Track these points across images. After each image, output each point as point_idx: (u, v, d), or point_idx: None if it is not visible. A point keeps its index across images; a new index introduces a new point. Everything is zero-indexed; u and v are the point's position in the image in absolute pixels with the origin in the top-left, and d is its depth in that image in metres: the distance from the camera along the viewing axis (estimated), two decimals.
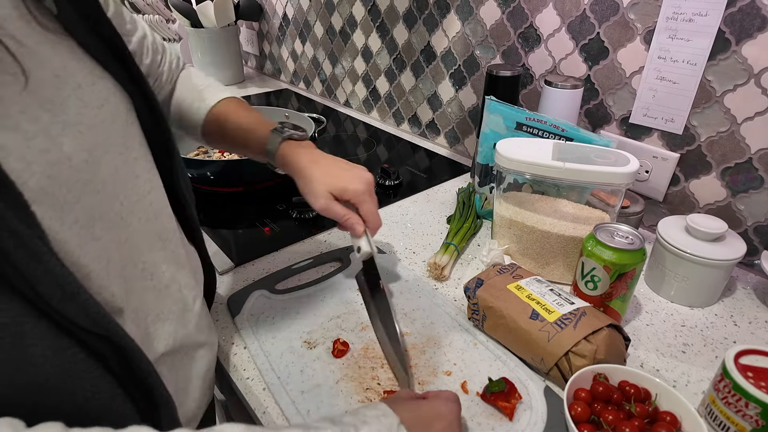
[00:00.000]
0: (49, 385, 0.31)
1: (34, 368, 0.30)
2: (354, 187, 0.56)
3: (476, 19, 1.01)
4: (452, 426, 0.42)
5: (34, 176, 0.30)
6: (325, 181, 0.57)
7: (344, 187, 0.56)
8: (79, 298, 0.31)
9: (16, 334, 0.29)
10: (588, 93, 0.87)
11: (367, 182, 0.58)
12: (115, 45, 0.41)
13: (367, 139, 1.26)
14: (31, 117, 0.31)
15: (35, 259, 0.28)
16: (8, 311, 0.28)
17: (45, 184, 0.31)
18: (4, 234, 0.27)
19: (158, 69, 0.60)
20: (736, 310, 0.67)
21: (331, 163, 0.59)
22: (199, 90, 0.64)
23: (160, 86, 0.62)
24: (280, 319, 0.62)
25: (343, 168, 0.59)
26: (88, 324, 0.32)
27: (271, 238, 0.81)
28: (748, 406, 0.43)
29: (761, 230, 0.74)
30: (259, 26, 1.77)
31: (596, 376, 0.50)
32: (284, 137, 0.60)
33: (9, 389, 0.29)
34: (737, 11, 0.67)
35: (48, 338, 0.31)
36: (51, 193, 0.31)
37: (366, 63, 1.35)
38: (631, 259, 0.56)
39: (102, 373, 0.34)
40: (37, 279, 0.28)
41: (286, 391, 0.53)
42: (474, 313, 0.60)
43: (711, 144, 0.75)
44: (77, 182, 0.33)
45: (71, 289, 0.30)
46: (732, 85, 0.70)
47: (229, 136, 0.63)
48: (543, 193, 0.72)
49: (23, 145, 0.30)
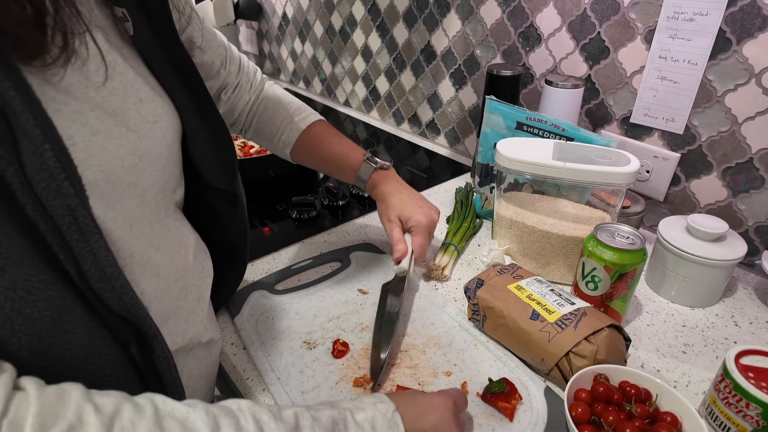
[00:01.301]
0: (72, 362, 0.33)
1: (64, 343, 0.32)
2: (417, 219, 0.66)
3: (476, 18, 1.00)
4: (445, 418, 0.43)
5: (90, 168, 0.33)
6: (398, 208, 0.67)
7: (409, 217, 0.66)
8: (116, 282, 0.34)
9: (57, 309, 0.31)
10: (588, 93, 0.87)
11: (429, 218, 0.67)
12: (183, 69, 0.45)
13: (367, 139, 1.26)
14: (99, 116, 0.35)
15: (84, 239, 0.31)
16: (54, 285, 0.31)
17: (98, 177, 0.34)
18: (63, 210, 0.30)
19: (236, 79, 0.66)
20: (736, 311, 0.67)
21: (409, 195, 0.69)
22: (289, 111, 0.70)
23: (239, 96, 0.67)
24: (279, 320, 0.62)
25: (417, 203, 0.68)
26: (118, 308, 0.34)
27: (271, 239, 0.81)
28: (748, 407, 0.43)
29: (762, 230, 0.74)
30: (258, 25, 1.76)
31: (597, 377, 0.50)
32: (376, 167, 0.69)
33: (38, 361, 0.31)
34: (738, 11, 0.67)
35: (83, 318, 0.33)
36: (101, 186, 0.34)
37: (366, 62, 1.35)
38: (631, 259, 0.56)
39: (124, 359, 0.36)
40: (82, 257, 0.31)
41: (286, 391, 0.52)
42: (474, 314, 0.60)
43: (712, 144, 0.75)
44: (123, 183, 0.37)
45: (111, 271, 0.33)
46: (733, 84, 0.70)
47: (321, 160, 0.71)
48: (543, 193, 0.72)
49: (87, 139, 0.33)
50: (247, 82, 0.68)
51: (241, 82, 0.67)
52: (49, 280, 0.31)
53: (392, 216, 0.67)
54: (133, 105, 0.38)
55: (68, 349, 0.33)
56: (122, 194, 0.37)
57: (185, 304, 0.46)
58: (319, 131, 0.70)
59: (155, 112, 0.41)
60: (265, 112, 0.69)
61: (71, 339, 0.33)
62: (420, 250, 0.66)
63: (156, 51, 0.42)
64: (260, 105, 0.70)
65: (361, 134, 1.29)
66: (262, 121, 0.70)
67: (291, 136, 0.69)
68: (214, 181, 0.51)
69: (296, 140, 0.69)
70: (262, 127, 0.70)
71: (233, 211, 0.54)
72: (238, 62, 0.66)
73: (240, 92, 0.67)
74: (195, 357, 0.49)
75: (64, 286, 0.32)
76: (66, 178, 0.30)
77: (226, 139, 0.50)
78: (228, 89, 0.65)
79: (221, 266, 0.55)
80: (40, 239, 0.30)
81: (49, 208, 0.29)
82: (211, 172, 0.50)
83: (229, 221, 0.54)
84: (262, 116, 0.70)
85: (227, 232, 0.55)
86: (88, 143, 0.33)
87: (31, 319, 0.30)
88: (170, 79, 0.44)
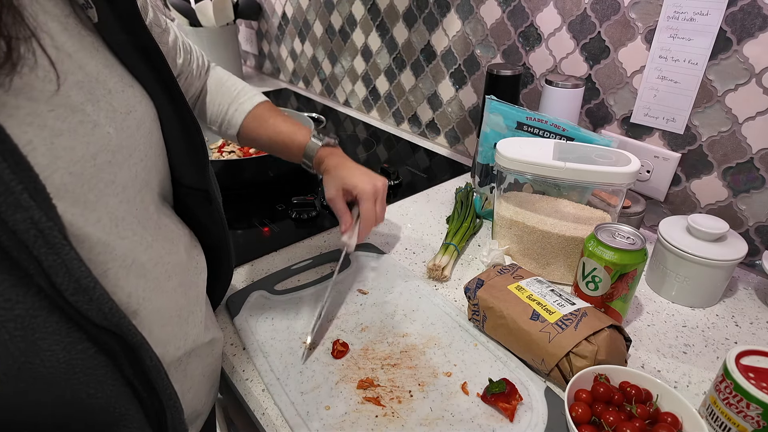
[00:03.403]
0: (51, 380, 0.32)
1: (40, 361, 0.31)
2: (362, 186, 0.64)
3: (476, 18, 1.00)
4: None
5: (57, 172, 0.31)
6: (343, 177, 0.65)
7: (353, 184, 0.64)
8: (93, 293, 0.32)
9: (28, 328, 0.30)
10: (589, 92, 0.86)
11: (374, 185, 0.65)
12: (150, 54, 0.42)
13: (367, 139, 1.25)
14: (60, 115, 0.32)
15: (53, 251, 0.29)
16: (23, 304, 0.29)
17: (68, 180, 0.32)
18: (26, 224, 0.28)
19: (188, 66, 0.66)
20: (737, 311, 0.66)
21: (353, 166, 0.68)
22: (233, 93, 0.70)
23: (190, 83, 0.67)
24: (279, 320, 0.62)
25: (361, 171, 0.67)
26: (99, 319, 0.33)
27: (271, 239, 0.81)
28: (749, 407, 0.43)
29: (762, 230, 0.74)
30: (258, 25, 1.76)
31: (597, 377, 0.50)
32: (323, 144, 0.69)
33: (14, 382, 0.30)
34: (738, 10, 0.67)
35: (59, 333, 0.31)
36: (73, 190, 0.33)
37: (366, 62, 1.35)
38: (632, 259, 0.56)
39: (110, 371, 0.35)
40: (54, 270, 0.30)
41: (286, 392, 0.52)
42: (474, 314, 0.60)
43: (712, 144, 0.75)
44: (99, 182, 0.35)
45: (86, 282, 0.31)
46: (733, 84, 0.70)
47: (267, 138, 0.70)
48: (544, 193, 0.72)
49: (49, 141, 0.31)
50: (197, 68, 0.68)
51: (192, 69, 0.67)
52: (16, 299, 0.29)
53: (335, 187, 0.66)
54: (103, 97, 0.36)
55: (46, 367, 0.31)
56: (101, 194, 0.35)
57: (185, 302, 0.45)
58: (265, 111, 0.70)
59: (127, 103, 0.39)
60: (209, 94, 0.69)
61: (48, 356, 0.31)
62: (369, 215, 0.64)
63: (121, 36, 0.40)
64: (205, 88, 0.70)
65: (361, 134, 1.29)
66: (206, 104, 0.69)
67: (237, 117, 0.69)
68: (185, 177, 0.49)
69: (242, 121, 0.69)
70: (207, 110, 0.70)
71: (209, 208, 0.52)
72: (189, 49, 0.66)
73: (191, 79, 0.67)
74: (198, 356, 0.49)
75: (36, 302, 0.30)
76: (24, 190, 0.28)
77: (195, 128, 0.48)
78: (181, 77, 0.65)
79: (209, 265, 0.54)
80: (4, 255, 0.28)
81: (10, 222, 0.27)
82: (181, 165, 0.48)
83: (207, 219, 0.52)
84: (206, 99, 0.69)
85: (207, 230, 0.53)
86: (50, 146, 0.31)
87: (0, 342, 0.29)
88: (139, 66, 0.42)
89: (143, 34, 0.42)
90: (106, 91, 0.37)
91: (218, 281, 0.59)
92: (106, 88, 0.37)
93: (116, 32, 0.40)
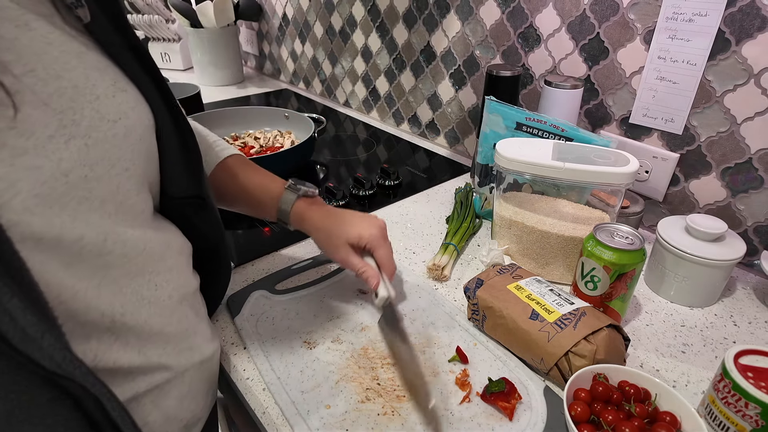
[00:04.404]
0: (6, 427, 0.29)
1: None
2: (369, 233, 0.59)
3: (476, 19, 1.01)
4: None
5: (18, 196, 0.28)
6: (342, 231, 0.59)
7: (360, 234, 0.59)
8: (43, 342, 0.29)
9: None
10: (588, 93, 0.87)
11: (380, 227, 0.61)
12: (141, 54, 0.40)
13: (367, 139, 1.26)
14: (23, 132, 0.29)
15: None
16: None
17: (31, 204, 0.29)
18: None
19: None
20: (735, 311, 0.67)
21: (344, 214, 0.62)
22: (207, 142, 0.63)
23: None
24: (279, 320, 0.62)
25: (357, 217, 0.62)
26: (53, 367, 0.30)
27: (271, 239, 0.81)
28: (747, 407, 0.43)
29: (761, 230, 0.74)
30: (258, 26, 1.76)
31: (596, 377, 0.50)
32: (299, 195, 0.61)
33: None
34: (737, 11, 0.67)
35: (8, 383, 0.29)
36: (39, 213, 0.30)
37: (366, 63, 1.35)
38: (630, 259, 0.56)
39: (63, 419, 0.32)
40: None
41: (286, 391, 0.53)
42: (474, 314, 0.60)
43: (711, 144, 0.75)
44: (72, 200, 0.32)
45: (33, 331, 0.28)
46: (732, 85, 0.70)
47: (237, 191, 0.62)
48: (543, 194, 0.72)
49: (9, 162, 0.28)
50: None
51: None
52: None
53: (341, 246, 0.59)
54: (88, 104, 0.34)
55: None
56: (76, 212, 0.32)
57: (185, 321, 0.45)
58: (236, 163, 0.63)
59: (118, 109, 0.36)
60: None
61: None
62: (389, 263, 0.60)
63: (113, 36, 0.37)
64: None
65: (361, 134, 1.29)
66: None
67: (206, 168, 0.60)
68: (180, 186, 0.46)
69: (212, 172, 0.61)
70: None
71: (204, 212, 0.50)
72: None
73: None
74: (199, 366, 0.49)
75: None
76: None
77: (190, 131, 0.46)
78: None
79: (208, 269, 0.53)
80: None
81: None
82: (175, 173, 0.45)
83: (203, 224, 0.51)
84: None
85: (204, 235, 0.51)
86: (10, 167, 0.28)
87: None
88: (134, 67, 0.39)
89: (131, 34, 0.40)
90: (94, 97, 0.34)
91: (218, 282, 0.59)
92: (93, 93, 0.34)
93: (109, 32, 0.37)
